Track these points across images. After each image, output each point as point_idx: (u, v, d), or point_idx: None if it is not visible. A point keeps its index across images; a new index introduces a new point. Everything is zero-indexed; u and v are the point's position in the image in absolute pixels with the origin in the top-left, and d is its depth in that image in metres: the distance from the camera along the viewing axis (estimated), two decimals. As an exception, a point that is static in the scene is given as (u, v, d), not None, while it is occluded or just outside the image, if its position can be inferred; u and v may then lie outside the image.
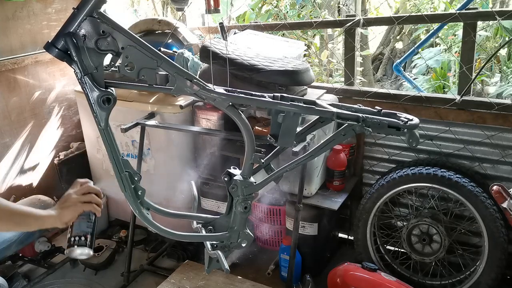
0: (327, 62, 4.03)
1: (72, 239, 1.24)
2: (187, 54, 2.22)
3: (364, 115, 1.09)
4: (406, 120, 1.10)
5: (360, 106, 1.18)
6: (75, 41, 0.97)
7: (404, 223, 2.10)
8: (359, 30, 2.35)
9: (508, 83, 3.68)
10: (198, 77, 1.09)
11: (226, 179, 1.18)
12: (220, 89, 1.10)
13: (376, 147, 2.29)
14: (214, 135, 2.07)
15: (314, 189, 2.13)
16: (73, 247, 1.24)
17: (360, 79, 4.12)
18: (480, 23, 2.36)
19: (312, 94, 2.16)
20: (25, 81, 2.48)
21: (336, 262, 2.19)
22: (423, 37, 4.42)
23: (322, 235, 2.17)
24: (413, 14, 2.37)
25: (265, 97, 1.13)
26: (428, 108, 2.08)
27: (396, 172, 2.04)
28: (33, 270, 2.40)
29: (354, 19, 2.18)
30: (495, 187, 1.54)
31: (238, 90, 1.14)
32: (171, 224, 1.28)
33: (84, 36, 0.98)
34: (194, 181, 1.43)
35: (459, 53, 2.63)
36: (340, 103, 1.24)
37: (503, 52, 3.95)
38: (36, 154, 2.61)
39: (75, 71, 1.00)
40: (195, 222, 1.24)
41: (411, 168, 2.01)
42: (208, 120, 2.12)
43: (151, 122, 2.08)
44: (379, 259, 2.14)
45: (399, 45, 5.59)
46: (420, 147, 2.14)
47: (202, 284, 1.97)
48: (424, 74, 4.37)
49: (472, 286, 1.93)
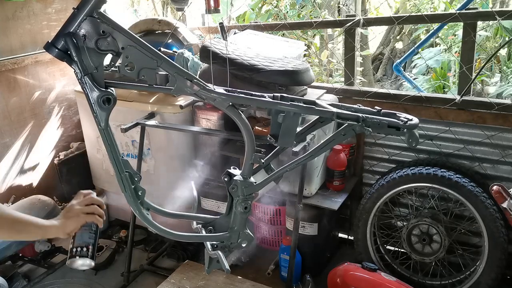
0: (327, 62, 4.03)
1: (74, 249, 1.25)
2: (187, 54, 2.22)
3: (364, 115, 1.09)
4: (406, 120, 1.10)
5: (360, 106, 1.18)
6: (75, 41, 0.97)
7: (404, 223, 2.10)
8: (359, 30, 2.35)
9: (508, 83, 3.68)
10: (198, 77, 1.09)
11: (226, 179, 1.18)
12: (220, 89, 1.10)
13: (376, 147, 2.29)
14: (214, 135, 2.07)
15: (314, 189, 2.13)
16: (74, 258, 1.25)
17: (360, 79, 4.12)
18: (480, 23, 2.36)
19: (312, 94, 2.16)
20: (25, 81, 2.48)
21: (336, 262, 2.19)
22: (423, 37, 4.42)
23: (322, 235, 2.17)
24: (413, 14, 2.37)
25: (265, 97, 1.13)
26: (428, 108, 2.08)
27: (396, 172, 2.04)
28: (33, 270, 2.40)
29: (354, 19, 2.18)
30: (495, 187, 1.54)
31: (238, 90, 1.14)
32: (171, 225, 1.28)
33: (84, 36, 0.98)
34: (194, 181, 1.43)
35: (459, 53, 2.63)
36: (340, 103, 1.24)
37: (503, 52, 3.95)
38: (36, 154, 2.61)
39: (75, 71, 1.00)
40: (195, 222, 1.23)
41: (411, 168, 2.01)
42: (208, 120, 2.12)
43: (151, 122, 2.08)
44: (379, 259, 2.14)
45: (399, 45, 5.59)
46: (420, 147, 2.14)
47: (202, 284, 1.97)
48: (424, 74, 4.37)
49: (472, 286, 1.93)
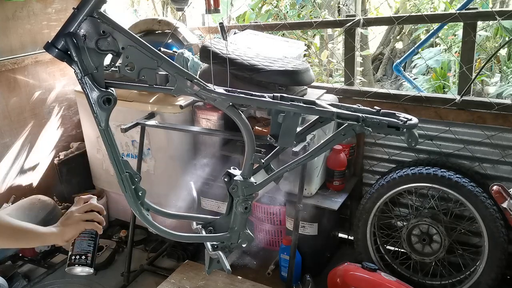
0: (327, 62, 4.03)
1: (73, 257, 1.26)
2: (187, 54, 2.22)
3: (364, 115, 1.09)
4: (405, 119, 1.10)
5: (359, 106, 1.18)
6: (75, 41, 0.97)
7: (404, 223, 2.10)
8: (359, 30, 2.35)
9: (508, 83, 3.68)
10: (198, 77, 1.09)
11: (226, 179, 1.18)
12: (220, 89, 1.10)
13: (376, 147, 2.29)
14: (214, 135, 2.07)
15: (314, 189, 2.13)
16: (73, 266, 1.26)
17: (360, 79, 4.12)
18: (480, 23, 2.36)
19: (312, 94, 2.16)
20: (25, 81, 2.48)
21: (336, 262, 2.19)
22: (423, 37, 4.42)
23: (322, 235, 2.17)
24: (413, 14, 2.37)
25: (265, 97, 1.13)
26: (428, 108, 2.08)
27: (396, 172, 2.04)
28: (33, 270, 2.40)
29: (354, 19, 2.18)
30: (495, 187, 1.54)
31: (238, 90, 1.14)
32: (171, 225, 1.28)
33: (84, 36, 0.98)
34: (193, 181, 1.43)
35: (459, 53, 2.63)
36: (340, 103, 1.24)
37: (503, 52, 3.95)
38: (36, 154, 2.61)
39: (75, 71, 1.00)
40: (195, 223, 1.23)
41: (411, 168, 2.01)
42: (208, 120, 2.12)
43: (151, 122, 2.08)
44: (379, 259, 2.14)
45: (399, 45, 5.58)
46: (420, 147, 2.14)
47: (202, 284, 1.97)
48: (424, 74, 4.37)
49: (472, 286, 1.93)
